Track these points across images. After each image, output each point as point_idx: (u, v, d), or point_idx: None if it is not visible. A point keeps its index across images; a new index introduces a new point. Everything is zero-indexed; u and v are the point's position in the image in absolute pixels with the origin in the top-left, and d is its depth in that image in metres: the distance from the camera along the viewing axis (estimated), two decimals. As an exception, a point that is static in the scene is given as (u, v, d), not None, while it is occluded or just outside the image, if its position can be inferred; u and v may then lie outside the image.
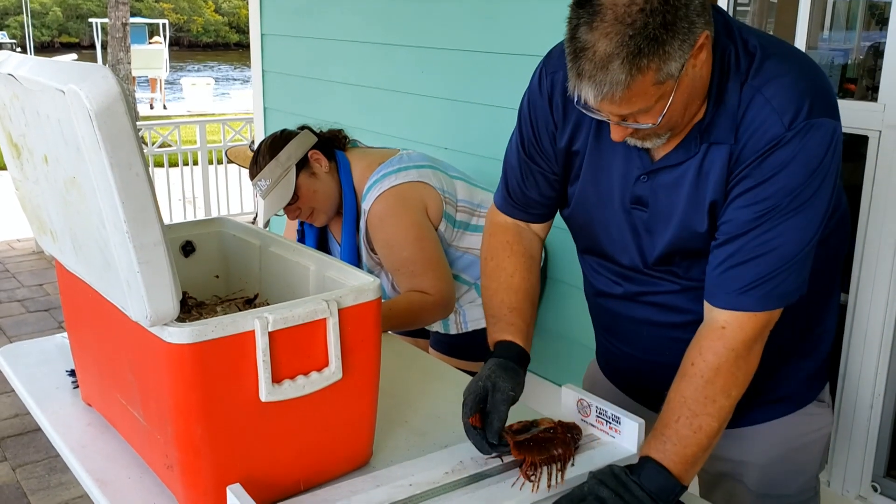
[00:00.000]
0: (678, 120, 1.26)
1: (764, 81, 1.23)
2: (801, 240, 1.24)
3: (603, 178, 1.40)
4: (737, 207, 1.25)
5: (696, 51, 1.18)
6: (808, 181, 1.21)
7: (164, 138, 6.05)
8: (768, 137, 1.22)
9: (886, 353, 2.12)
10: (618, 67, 1.13)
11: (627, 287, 1.47)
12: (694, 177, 1.30)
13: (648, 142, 1.30)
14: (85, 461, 1.41)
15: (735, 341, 1.25)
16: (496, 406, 1.36)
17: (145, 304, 1.10)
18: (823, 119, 1.21)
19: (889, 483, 2.19)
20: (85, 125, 1.01)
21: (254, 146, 2.59)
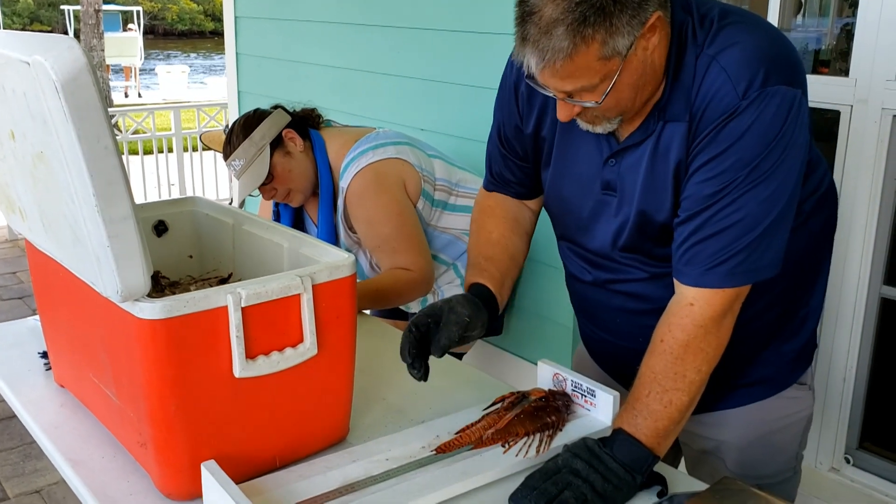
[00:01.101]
0: (627, 104, 1.25)
1: (719, 49, 1.21)
2: (764, 213, 1.22)
3: (573, 163, 1.40)
4: (696, 182, 1.24)
5: (647, 31, 1.17)
6: (767, 152, 1.19)
7: (139, 125, 5.98)
8: (723, 108, 1.20)
9: (858, 329, 2.15)
10: (562, 34, 1.12)
11: (596, 274, 1.47)
12: (651, 156, 1.29)
13: (599, 126, 1.29)
14: (58, 442, 1.40)
15: (703, 318, 1.25)
16: (448, 324, 1.35)
17: (116, 279, 1.09)
18: (780, 87, 1.18)
19: (861, 455, 2.23)
20: (51, 97, 1.00)
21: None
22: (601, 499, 1.20)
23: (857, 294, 2.13)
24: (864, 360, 2.17)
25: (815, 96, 2.13)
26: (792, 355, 1.48)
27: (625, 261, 1.41)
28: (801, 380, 1.50)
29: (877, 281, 2.12)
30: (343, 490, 1.20)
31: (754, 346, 1.44)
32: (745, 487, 1.19)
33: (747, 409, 1.48)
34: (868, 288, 2.12)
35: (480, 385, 1.62)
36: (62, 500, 2.81)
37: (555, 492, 1.20)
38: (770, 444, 1.49)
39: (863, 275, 2.11)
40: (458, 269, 2.37)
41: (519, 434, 1.35)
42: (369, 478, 1.23)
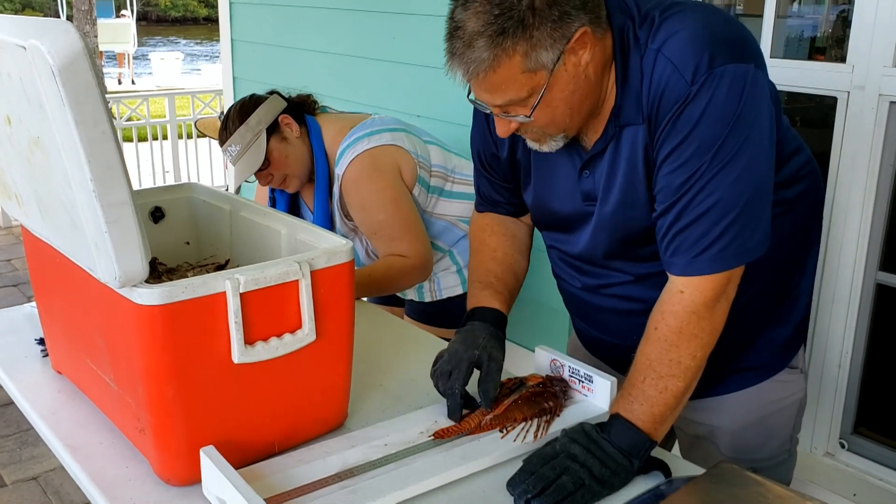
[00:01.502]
0: (563, 119, 1.26)
1: (662, 41, 1.22)
2: (738, 193, 1.21)
3: (552, 180, 1.42)
4: (665, 174, 1.24)
5: (575, 45, 1.19)
6: (729, 132, 1.18)
7: (133, 111, 5.95)
8: (675, 97, 1.20)
9: (854, 315, 2.16)
10: (482, 45, 1.16)
11: (585, 280, 1.49)
12: (619, 161, 1.30)
13: (545, 144, 1.32)
14: (56, 428, 1.40)
15: (695, 304, 1.25)
16: (491, 375, 1.38)
17: (114, 264, 1.08)
18: (729, 66, 1.17)
19: (856, 440, 2.24)
20: (48, 82, 0.99)
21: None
22: (599, 483, 1.20)
23: (852, 280, 2.13)
24: (860, 345, 2.18)
25: (812, 83, 2.13)
26: (783, 340, 1.48)
27: (611, 265, 1.42)
28: (792, 363, 1.51)
29: (872, 267, 2.13)
30: (342, 475, 1.20)
31: (746, 332, 1.44)
32: (741, 472, 1.20)
33: (740, 394, 1.48)
34: (864, 274, 2.12)
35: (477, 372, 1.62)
36: (59, 486, 2.81)
37: (552, 476, 1.20)
38: (763, 428, 1.50)
39: (858, 261, 2.12)
40: (454, 255, 2.37)
41: (517, 419, 1.35)
42: (368, 463, 1.24)
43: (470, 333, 1.44)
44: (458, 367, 1.38)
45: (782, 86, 2.21)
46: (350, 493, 1.16)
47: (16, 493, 2.79)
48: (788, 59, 2.23)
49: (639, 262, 1.39)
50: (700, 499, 1.14)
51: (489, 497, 1.22)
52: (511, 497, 1.21)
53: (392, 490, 1.17)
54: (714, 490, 1.15)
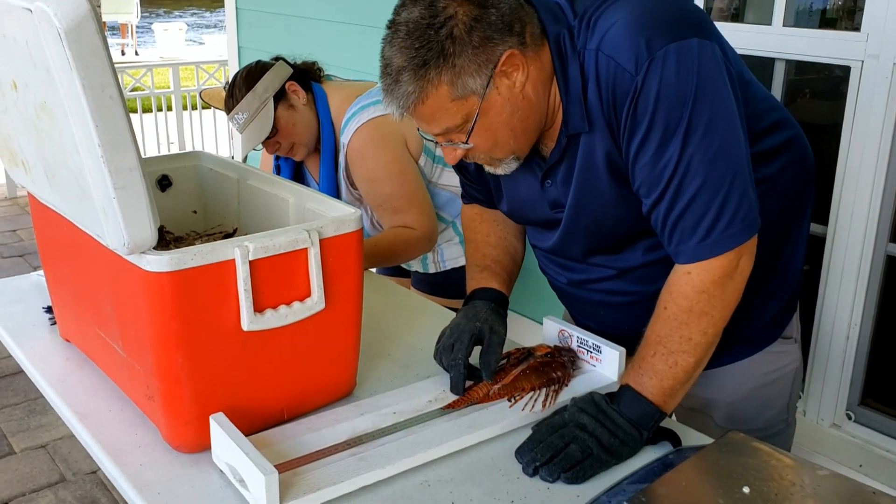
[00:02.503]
0: (508, 141, 1.26)
1: (599, 39, 1.20)
2: (724, 167, 1.18)
3: (519, 193, 1.43)
4: (640, 168, 1.22)
5: (504, 68, 1.19)
6: (692, 110, 1.15)
7: (137, 82, 5.92)
8: (624, 92, 1.18)
9: (863, 286, 2.15)
10: (407, 79, 1.18)
11: (569, 276, 1.49)
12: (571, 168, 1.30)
13: (498, 167, 1.32)
14: (65, 395, 1.40)
15: (704, 283, 1.23)
16: (493, 347, 1.38)
17: (122, 231, 1.08)
18: (671, 45, 1.14)
19: (862, 411, 2.24)
20: (54, 45, 0.98)
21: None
22: (607, 453, 1.20)
23: (862, 251, 2.12)
24: (868, 317, 2.17)
25: (825, 52, 2.11)
26: (775, 311, 1.47)
27: (592, 262, 1.43)
28: (785, 333, 1.50)
29: (883, 238, 2.11)
30: (351, 442, 1.21)
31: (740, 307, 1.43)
32: (750, 441, 1.20)
33: (734, 366, 1.47)
34: (874, 245, 2.11)
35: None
36: (67, 454, 2.83)
37: (561, 445, 1.21)
38: (759, 399, 1.50)
39: (869, 232, 2.10)
40: (457, 226, 2.36)
41: (525, 389, 1.35)
42: (377, 430, 1.24)
43: (471, 309, 1.45)
44: (460, 339, 1.38)
45: (793, 55, 2.19)
46: (359, 460, 1.17)
47: (25, 461, 2.81)
48: (800, 28, 2.20)
49: (619, 256, 1.39)
50: (709, 468, 1.14)
51: (498, 465, 1.22)
52: (519, 465, 1.21)
53: (401, 457, 1.18)
54: (723, 459, 1.15)
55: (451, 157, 1.30)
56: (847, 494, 1.08)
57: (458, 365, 1.35)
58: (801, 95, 2.58)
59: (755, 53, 2.26)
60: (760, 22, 2.32)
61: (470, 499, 1.14)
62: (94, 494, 2.65)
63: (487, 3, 1.18)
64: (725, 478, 1.10)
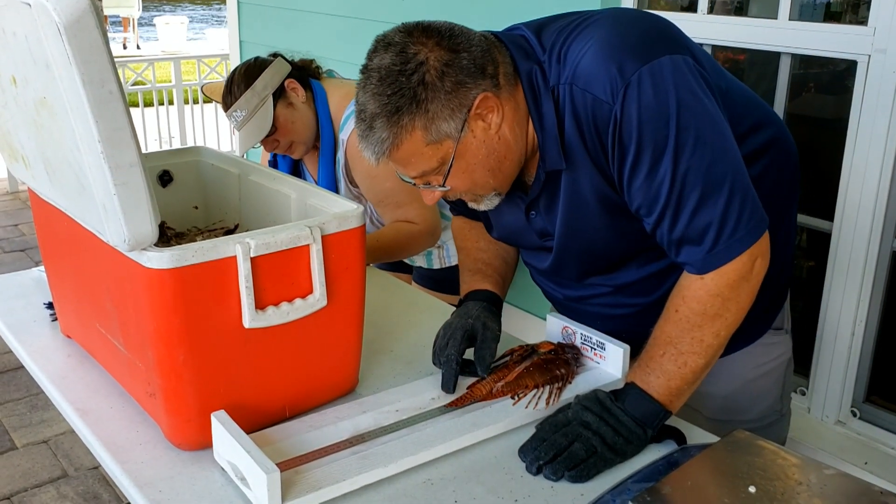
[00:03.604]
0: (486, 181, 1.26)
1: (571, 73, 1.19)
2: (721, 174, 1.17)
3: (506, 223, 1.43)
4: (636, 190, 1.21)
5: (479, 111, 1.18)
6: (678, 126, 1.14)
7: (138, 76, 5.91)
8: (605, 121, 1.17)
9: (869, 283, 2.13)
10: (381, 126, 1.18)
11: (566, 293, 1.49)
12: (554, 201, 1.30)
13: (481, 203, 1.32)
14: (66, 392, 1.39)
15: (718, 287, 1.21)
16: (486, 343, 1.38)
17: (123, 227, 1.07)
18: (643, 68, 1.14)
19: (868, 408, 2.23)
20: (54, 40, 0.97)
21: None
22: (611, 451, 1.19)
23: (868, 248, 2.11)
24: (874, 313, 2.16)
25: (831, 46, 2.09)
26: (765, 304, 1.45)
27: (587, 282, 1.43)
28: (775, 325, 1.49)
29: (889, 234, 2.10)
30: (353, 440, 1.20)
31: None
32: (756, 440, 1.19)
33: (726, 359, 1.43)
34: (880, 241, 2.10)
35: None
36: (69, 450, 2.83)
37: (564, 443, 1.20)
38: (750, 392, 1.49)
39: (875, 228, 2.09)
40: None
41: (528, 386, 1.34)
42: (379, 428, 1.23)
43: (463, 309, 1.46)
44: (454, 336, 1.38)
45: (799, 49, 2.17)
46: (361, 458, 1.16)
47: (26, 457, 2.81)
48: (805, 22, 2.18)
49: (614, 275, 1.38)
50: (715, 467, 1.13)
51: (501, 463, 1.21)
52: (523, 463, 1.20)
53: (403, 456, 1.17)
54: (729, 458, 1.14)
55: (430, 198, 1.30)
56: (854, 494, 1.07)
57: (449, 361, 1.35)
58: (805, 90, 2.56)
59: (760, 48, 2.24)
60: (765, 16, 2.30)
61: (473, 497, 1.14)
62: (96, 490, 2.65)
63: (458, 47, 1.18)
64: (731, 477, 1.09)
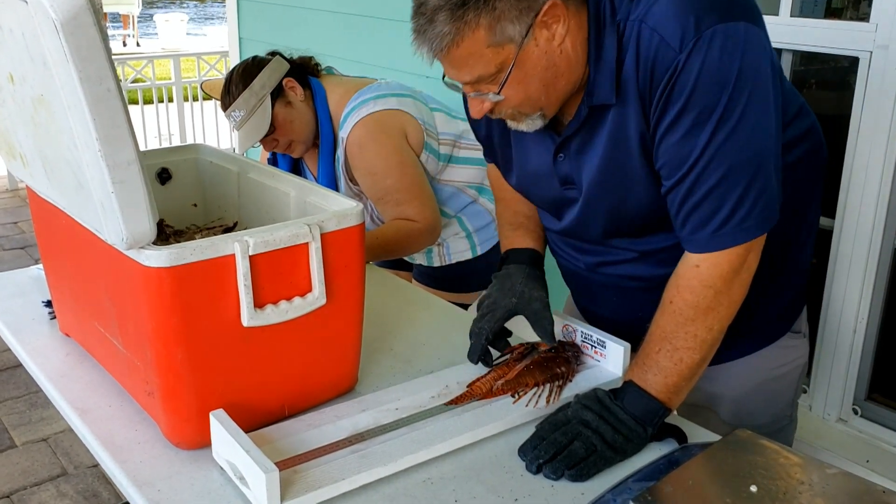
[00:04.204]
0: (538, 97, 1.21)
1: (645, 11, 1.16)
2: (749, 159, 1.15)
3: (531, 165, 1.38)
4: (667, 148, 1.19)
5: (545, 19, 1.14)
6: (730, 95, 1.12)
7: (138, 73, 5.90)
8: (665, 68, 1.14)
9: (871, 280, 2.13)
10: (443, 19, 1.13)
11: (585, 259, 1.45)
12: (592, 142, 1.26)
13: (521, 123, 1.26)
14: (64, 391, 1.39)
15: (712, 278, 1.21)
16: (540, 313, 1.38)
17: (121, 225, 1.06)
18: (719, 26, 1.10)
19: (869, 406, 2.22)
20: (51, 37, 0.96)
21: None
22: (611, 449, 1.19)
23: (870, 244, 2.10)
24: (876, 311, 2.15)
25: (832, 42, 2.08)
26: (785, 304, 1.45)
27: (611, 244, 1.39)
28: (794, 328, 1.47)
29: (891, 231, 2.09)
30: (353, 439, 1.19)
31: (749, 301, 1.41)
32: (757, 439, 1.18)
33: (742, 360, 1.46)
34: (882, 238, 2.09)
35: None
36: (69, 448, 2.83)
37: (564, 442, 1.19)
38: (765, 394, 1.48)
39: (877, 225, 2.08)
40: (463, 221, 2.34)
41: (528, 385, 1.34)
42: (379, 427, 1.23)
43: (506, 279, 1.42)
44: (493, 311, 1.37)
45: (800, 46, 2.16)
46: (361, 457, 1.15)
47: (26, 455, 2.80)
48: (807, 18, 2.17)
49: (642, 237, 1.35)
50: (716, 466, 1.13)
51: (501, 462, 1.21)
52: (523, 462, 1.20)
53: (403, 455, 1.16)
54: (730, 457, 1.13)
55: (478, 110, 1.24)
56: (856, 493, 1.07)
57: (480, 334, 1.35)
58: (807, 87, 2.55)
59: (761, 44, 2.23)
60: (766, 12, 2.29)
61: (473, 496, 1.13)
62: (96, 488, 2.64)
63: None
64: (732, 476, 1.09)
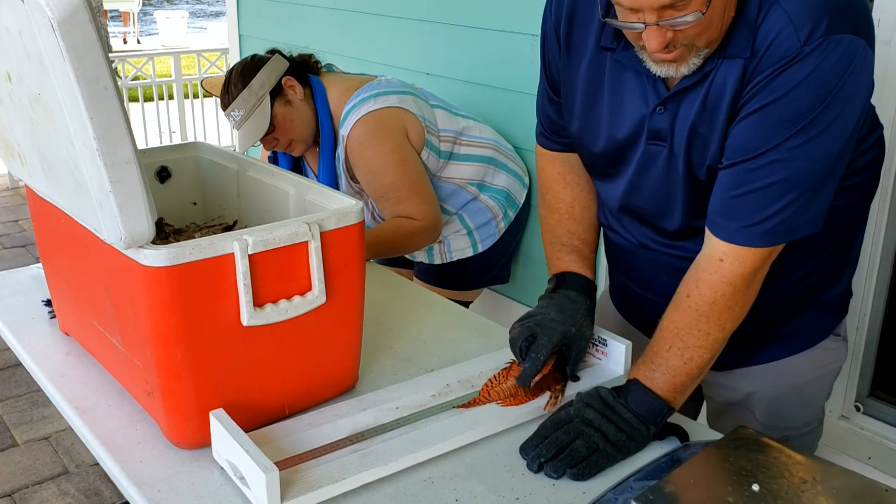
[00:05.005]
0: (718, 27, 1.14)
1: None
2: (812, 171, 1.14)
3: (624, 112, 1.30)
4: (743, 129, 1.16)
5: None
6: (825, 105, 1.11)
7: (138, 70, 5.89)
8: (782, 52, 1.11)
9: (873, 275, 2.12)
10: None
11: (644, 233, 1.40)
12: (703, 99, 1.20)
13: (683, 65, 1.17)
14: (64, 390, 1.39)
15: (733, 275, 1.19)
16: (580, 355, 1.36)
17: (119, 225, 1.06)
18: (846, 35, 1.09)
19: (872, 402, 2.22)
20: (48, 36, 0.96)
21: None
22: (614, 448, 1.19)
23: (873, 241, 2.09)
24: (878, 307, 2.15)
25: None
26: (830, 306, 1.43)
27: (687, 223, 1.32)
28: (836, 331, 1.45)
29: (893, 228, 2.08)
30: (353, 438, 1.19)
31: (796, 304, 1.39)
32: (758, 437, 1.18)
33: (783, 361, 1.43)
34: (884, 235, 2.08)
35: (488, 333, 1.61)
36: (70, 446, 2.82)
37: (566, 441, 1.19)
38: (801, 396, 1.46)
39: (879, 222, 2.07)
40: (464, 218, 2.34)
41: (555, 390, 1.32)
42: (380, 426, 1.22)
43: (568, 303, 1.37)
44: (550, 337, 1.30)
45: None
46: (361, 456, 1.15)
47: (28, 453, 2.80)
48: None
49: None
50: (718, 465, 1.12)
51: (502, 461, 1.20)
52: (524, 461, 1.19)
53: (404, 454, 1.16)
54: (732, 456, 1.13)
55: (659, 42, 1.11)
56: (858, 492, 1.06)
57: (536, 361, 1.29)
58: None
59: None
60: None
61: (474, 496, 1.13)
62: (97, 486, 2.64)
63: None
64: (734, 475, 1.08)
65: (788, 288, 1.34)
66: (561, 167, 1.50)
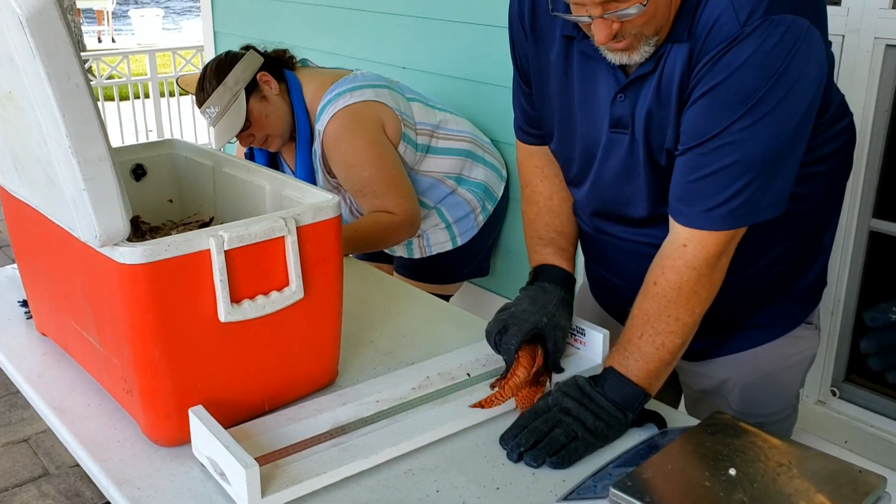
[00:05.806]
0: (665, 14, 1.16)
1: None
2: (765, 153, 1.15)
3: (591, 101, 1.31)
4: (695, 113, 1.17)
5: None
6: (770, 86, 1.11)
7: (113, 69, 5.84)
8: (723, 34, 1.13)
9: (847, 262, 2.15)
10: None
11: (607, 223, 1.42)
12: (658, 82, 1.21)
13: (636, 52, 1.19)
14: (42, 391, 1.38)
15: (697, 260, 1.21)
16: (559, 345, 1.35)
17: (94, 222, 1.05)
18: (786, 16, 1.10)
19: (847, 387, 2.24)
20: (17, 33, 0.95)
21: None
22: (593, 436, 1.19)
23: (845, 227, 2.12)
24: (852, 293, 2.17)
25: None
26: (802, 294, 1.44)
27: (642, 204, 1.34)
28: (808, 319, 1.47)
29: (866, 214, 2.11)
30: (334, 433, 1.19)
31: (768, 290, 1.40)
32: (735, 422, 1.19)
33: (756, 350, 1.45)
34: (857, 221, 2.11)
35: (468, 326, 1.61)
36: (50, 448, 2.81)
37: (545, 430, 1.20)
38: (774, 383, 1.47)
39: (851, 208, 2.10)
40: (442, 212, 2.34)
41: None
42: (360, 420, 1.22)
43: (541, 294, 1.39)
44: (520, 325, 1.32)
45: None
46: (342, 450, 1.15)
47: (7, 456, 2.78)
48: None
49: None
50: (695, 450, 1.13)
51: (482, 451, 1.21)
52: (504, 451, 1.20)
53: (385, 447, 1.16)
54: (709, 441, 1.14)
55: (605, 34, 1.14)
56: (833, 474, 1.08)
57: (510, 349, 1.30)
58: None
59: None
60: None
61: (455, 486, 1.13)
62: (78, 487, 2.63)
63: None
64: (711, 460, 1.10)
65: (757, 274, 1.36)
66: (539, 160, 1.51)
